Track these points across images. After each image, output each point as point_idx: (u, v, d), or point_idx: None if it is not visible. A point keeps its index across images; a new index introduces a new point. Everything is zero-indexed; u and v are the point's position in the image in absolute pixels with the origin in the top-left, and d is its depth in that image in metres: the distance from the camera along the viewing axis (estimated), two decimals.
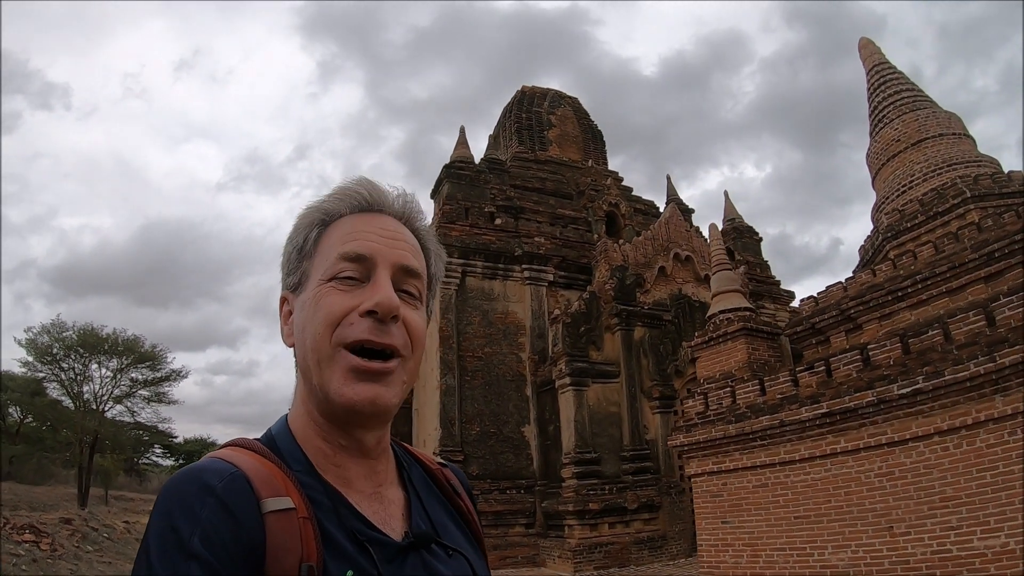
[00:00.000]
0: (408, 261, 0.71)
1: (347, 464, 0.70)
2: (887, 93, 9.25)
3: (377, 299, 0.65)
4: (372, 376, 0.65)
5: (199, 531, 0.55)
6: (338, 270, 0.68)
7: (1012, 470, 5.28)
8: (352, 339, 0.65)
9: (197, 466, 0.62)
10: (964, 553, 5.45)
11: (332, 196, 0.75)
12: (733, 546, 6.98)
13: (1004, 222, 6.70)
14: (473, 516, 0.84)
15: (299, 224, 0.75)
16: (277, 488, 0.62)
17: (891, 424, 5.85)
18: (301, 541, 0.59)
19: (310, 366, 0.67)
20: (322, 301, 0.67)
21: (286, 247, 0.76)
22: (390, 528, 0.69)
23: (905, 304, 6.98)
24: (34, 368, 22.34)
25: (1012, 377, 5.24)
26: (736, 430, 6.92)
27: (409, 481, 0.78)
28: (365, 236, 0.70)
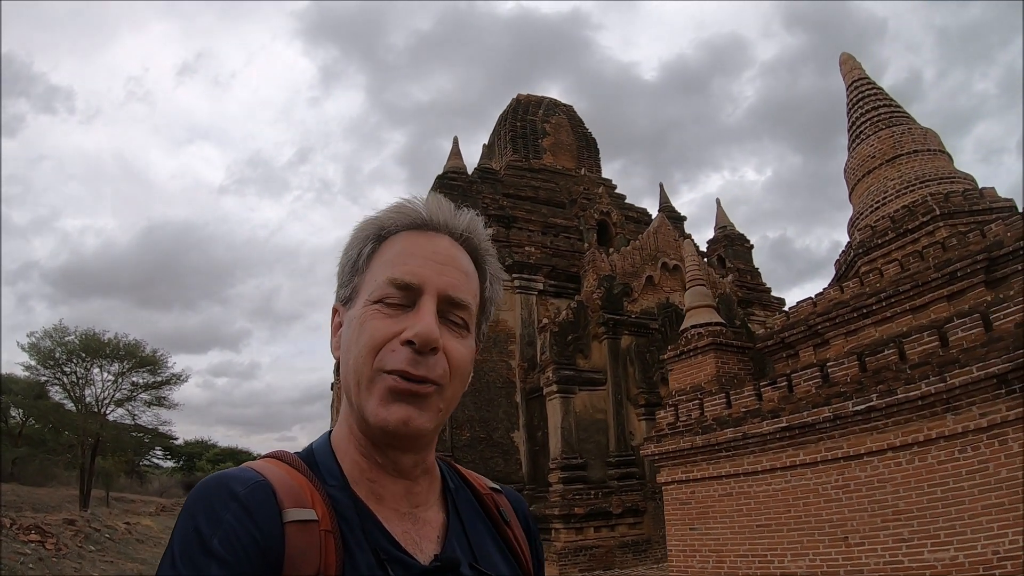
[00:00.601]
0: (455, 292, 0.70)
1: (382, 481, 0.70)
2: (865, 109, 9.43)
3: (416, 330, 0.65)
4: (406, 397, 0.65)
5: (220, 533, 0.57)
6: (385, 294, 0.68)
7: (962, 487, 5.49)
8: (391, 367, 0.65)
9: (226, 473, 0.64)
10: (915, 565, 5.66)
11: (389, 210, 0.74)
12: (700, 552, 7.21)
13: (968, 241, 6.89)
14: (521, 546, 0.80)
15: (354, 237, 0.75)
16: (302, 500, 0.63)
17: (847, 439, 6.07)
18: (320, 553, 0.60)
19: (351, 385, 0.68)
20: (366, 324, 0.68)
21: (341, 259, 0.76)
22: (419, 550, 0.68)
23: (870, 321, 7.19)
24: (37, 372, 22.83)
25: (962, 397, 5.44)
26: (703, 441, 7.15)
27: (452, 503, 0.77)
28: (415, 261, 0.69)
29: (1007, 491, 5.25)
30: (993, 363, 5.25)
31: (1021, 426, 5.22)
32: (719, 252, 17.37)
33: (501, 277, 0.80)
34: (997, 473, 5.31)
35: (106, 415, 23.49)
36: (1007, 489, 5.25)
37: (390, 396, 0.65)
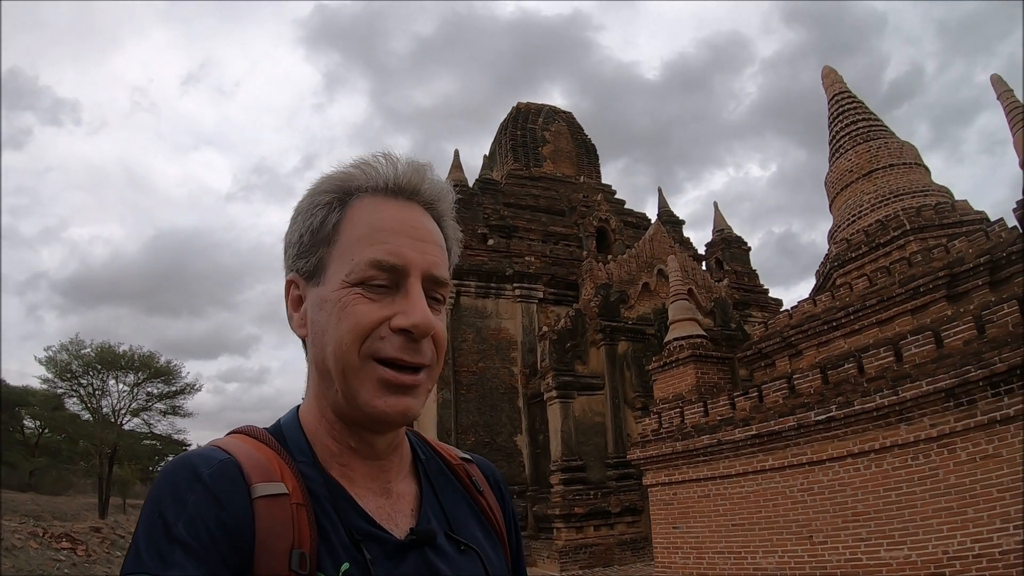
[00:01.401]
0: (438, 271, 0.67)
1: (353, 464, 0.68)
2: (844, 123, 9.77)
3: (415, 319, 0.63)
4: (403, 389, 0.64)
5: (184, 517, 0.55)
6: (366, 276, 0.64)
7: (914, 491, 5.92)
8: (384, 355, 0.63)
9: (190, 454, 0.62)
10: (873, 563, 6.11)
11: (352, 168, 0.69)
12: (682, 549, 7.71)
13: (932, 258, 7.26)
14: (495, 512, 0.79)
15: (313, 199, 0.69)
16: (270, 474, 0.61)
17: (811, 446, 6.52)
18: (293, 527, 0.58)
19: (332, 372, 0.65)
20: (349, 309, 0.63)
21: (295, 223, 0.70)
22: (394, 524, 0.67)
23: (840, 333, 7.60)
24: (54, 384, 23.84)
25: (914, 409, 5.87)
26: (683, 447, 7.64)
27: (424, 474, 0.75)
28: (395, 238, 0.65)
29: (955, 496, 5.68)
30: (941, 378, 5.67)
31: (967, 436, 5.64)
32: (717, 255, 17.71)
33: (459, 239, 0.77)
34: (946, 479, 5.74)
35: (122, 425, 24.49)
36: (955, 494, 5.68)
37: (384, 387, 0.63)
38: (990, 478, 5.51)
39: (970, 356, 5.57)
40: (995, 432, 5.50)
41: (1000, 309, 5.64)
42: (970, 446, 5.63)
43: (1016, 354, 5.32)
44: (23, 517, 12.78)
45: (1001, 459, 5.47)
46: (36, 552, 9.12)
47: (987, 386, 5.49)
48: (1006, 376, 5.39)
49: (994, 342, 5.56)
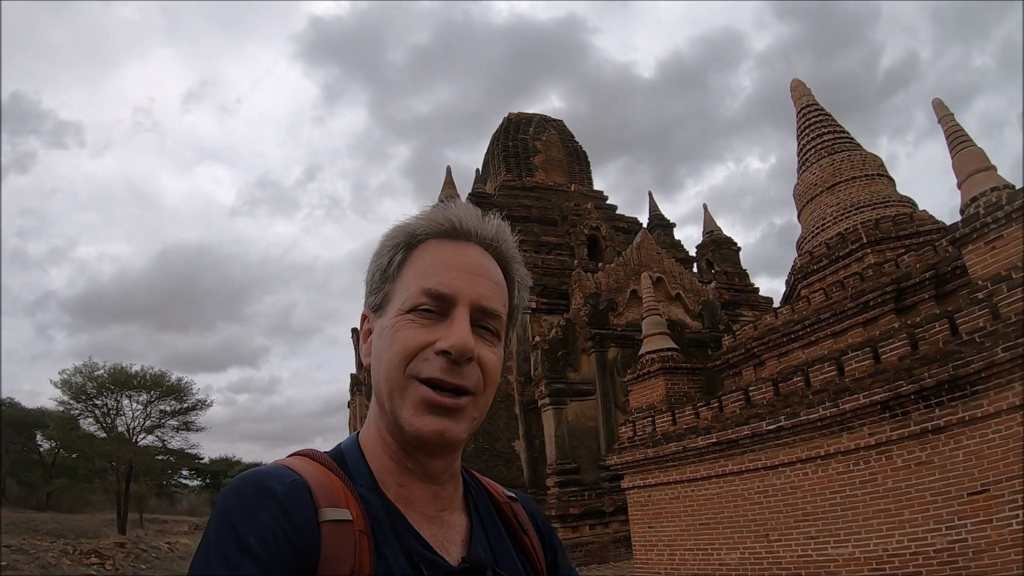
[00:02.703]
0: (488, 303, 0.70)
1: (410, 485, 0.70)
2: (810, 136, 10.16)
3: (452, 341, 0.66)
4: (442, 410, 0.66)
5: (256, 531, 0.56)
6: (417, 303, 0.68)
7: (856, 494, 6.42)
8: (425, 376, 0.66)
9: (261, 470, 0.64)
10: (821, 558, 6.63)
11: (419, 218, 0.74)
12: (656, 546, 8.28)
13: (883, 272, 7.70)
14: (537, 553, 0.81)
15: (384, 244, 0.75)
16: (336, 499, 0.63)
17: (765, 452, 7.03)
18: (355, 553, 0.60)
19: (383, 392, 0.69)
20: (400, 333, 0.68)
21: (371, 265, 0.76)
22: (447, 552, 0.69)
23: (798, 344, 8.06)
24: (69, 406, 24.89)
25: (854, 419, 6.36)
26: (654, 453, 8.18)
27: (475, 508, 0.77)
28: (447, 272, 0.69)
29: (893, 499, 6.17)
30: (877, 392, 6.15)
31: (902, 445, 6.12)
32: (707, 256, 18.10)
33: (528, 284, 0.81)
34: (884, 484, 6.23)
35: (137, 442, 25.51)
36: (893, 497, 6.17)
37: (424, 407, 0.66)
38: (924, 483, 5.99)
39: (903, 371, 6.04)
40: (927, 441, 5.98)
41: (932, 327, 6.10)
42: (905, 453, 6.11)
43: (943, 370, 5.79)
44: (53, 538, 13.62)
45: (933, 466, 5.94)
46: (70, 568, 9.94)
47: (919, 399, 5.96)
48: (935, 390, 5.86)
49: (925, 358, 6.02)
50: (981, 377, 5.64)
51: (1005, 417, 5.57)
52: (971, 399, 5.72)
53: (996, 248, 6.06)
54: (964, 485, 5.76)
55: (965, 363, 5.68)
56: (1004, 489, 5.54)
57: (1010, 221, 5.99)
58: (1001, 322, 5.69)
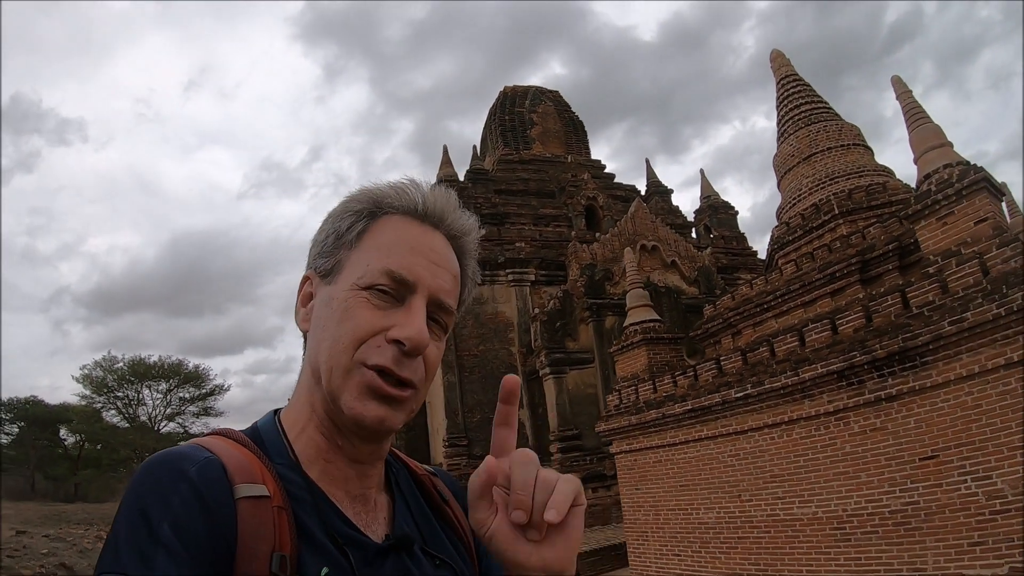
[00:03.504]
0: (445, 298, 0.69)
1: (337, 463, 0.69)
2: (789, 107, 10.22)
3: (409, 333, 0.64)
4: (386, 399, 0.65)
5: (169, 518, 0.54)
6: (376, 282, 0.66)
7: (818, 457, 6.93)
8: (374, 363, 0.64)
9: (172, 451, 0.61)
10: (788, 517, 7.21)
11: (388, 188, 0.72)
12: (643, 507, 8.96)
13: (849, 244, 7.97)
14: (462, 524, 0.80)
15: (347, 207, 0.72)
16: (252, 475, 0.61)
17: (735, 418, 7.54)
18: (274, 530, 0.58)
19: (322, 368, 0.66)
20: (352, 311, 0.66)
21: (325, 224, 0.73)
22: (372, 531, 0.68)
23: (771, 314, 8.43)
24: (91, 400, 26.33)
25: (813, 388, 6.81)
26: (637, 420, 8.75)
27: (396, 485, 0.77)
28: (412, 256, 0.68)
29: (851, 462, 6.66)
30: (833, 361, 6.57)
31: (859, 412, 6.57)
32: (705, 221, 18.24)
33: (476, 281, 0.79)
34: (843, 448, 6.71)
35: (159, 430, 27.04)
36: (851, 461, 6.66)
37: (368, 393, 0.64)
38: (878, 448, 6.45)
39: (857, 343, 6.44)
40: (881, 408, 6.41)
41: (885, 301, 6.44)
42: (861, 420, 6.56)
43: (894, 342, 6.17)
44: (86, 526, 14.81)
45: (887, 432, 6.39)
46: None
47: (872, 369, 6.37)
48: (887, 360, 6.25)
49: (878, 330, 6.39)
50: (929, 349, 6.00)
51: (953, 387, 5.96)
52: (921, 370, 6.11)
53: (947, 224, 6.31)
54: (916, 451, 6.20)
55: (914, 336, 6.05)
56: (953, 455, 5.96)
57: (960, 198, 6.22)
58: (949, 296, 6.01)
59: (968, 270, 5.95)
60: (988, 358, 5.75)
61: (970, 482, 5.87)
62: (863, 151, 9.64)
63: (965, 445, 5.91)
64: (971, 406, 5.87)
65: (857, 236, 7.94)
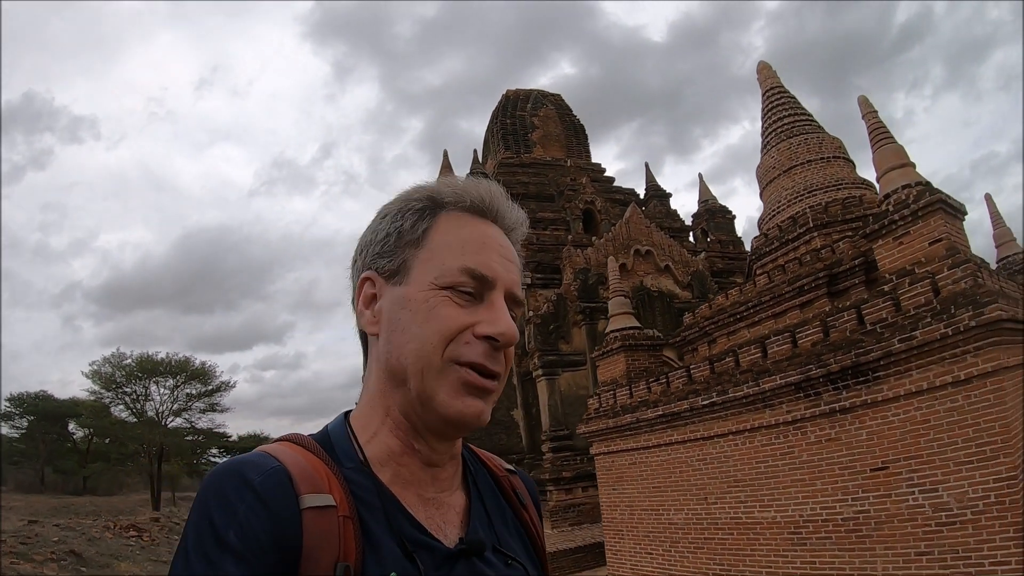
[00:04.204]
0: (519, 292, 0.71)
1: (411, 467, 0.69)
2: (773, 119, 10.40)
3: (501, 328, 0.66)
4: (482, 393, 0.66)
5: (235, 525, 0.55)
6: (457, 282, 0.66)
7: (777, 464, 7.22)
8: (467, 360, 0.65)
9: (239, 460, 0.62)
10: (750, 520, 7.52)
11: (445, 184, 0.72)
12: (619, 506, 9.31)
13: (819, 258, 8.20)
14: (536, 528, 0.81)
15: (406, 205, 0.71)
16: (318, 484, 0.61)
17: (702, 424, 7.85)
18: (339, 540, 0.58)
19: (408, 370, 0.66)
20: (438, 311, 0.66)
21: (383, 223, 0.72)
22: (444, 534, 0.68)
23: (743, 324, 8.69)
24: (100, 395, 27.25)
25: (773, 398, 7.09)
26: (614, 423, 9.09)
27: (474, 485, 0.77)
28: (488, 253, 0.68)
29: (807, 471, 6.94)
30: (791, 374, 6.85)
31: (815, 422, 6.84)
32: (702, 226, 18.39)
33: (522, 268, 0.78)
34: (800, 456, 6.99)
35: (166, 425, 27.89)
36: (807, 469, 6.94)
37: (464, 389, 0.65)
38: (833, 457, 6.72)
39: (813, 356, 6.71)
40: (836, 420, 6.68)
41: (841, 316, 6.69)
42: (817, 430, 6.84)
43: (847, 357, 6.43)
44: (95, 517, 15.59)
45: (841, 442, 6.66)
46: (112, 540, 11.72)
47: (827, 382, 6.64)
48: (841, 374, 6.52)
49: (834, 345, 6.65)
50: (881, 365, 6.25)
51: (903, 402, 6.20)
52: (873, 384, 6.36)
53: (903, 244, 6.53)
54: (867, 461, 6.46)
55: (866, 351, 6.30)
56: (902, 468, 6.21)
57: (916, 219, 6.43)
58: (901, 315, 6.25)
59: (920, 289, 6.18)
60: (936, 375, 5.99)
61: (917, 494, 6.12)
62: (843, 164, 9.80)
63: (914, 458, 6.15)
64: (920, 421, 6.12)
65: (827, 250, 8.16)
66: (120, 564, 9.73)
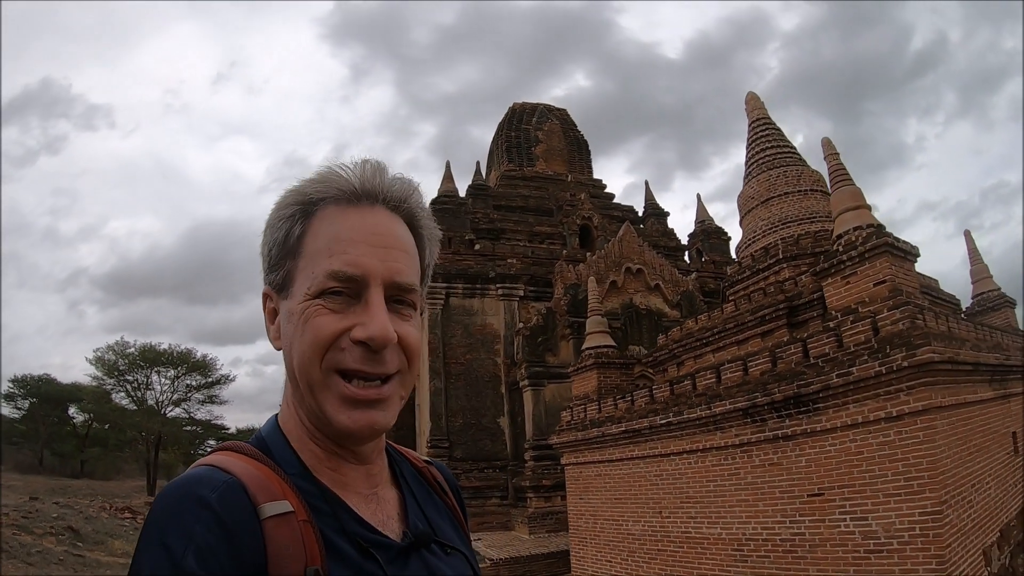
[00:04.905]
0: (402, 277, 0.66)
1: (342, 468, 0.68)
2: (756, 150, 10.78)
3: (371, 331, 0.62)
4: (368, 403, 0.63)
5: (193, 548, 0.53)
6: (325, 287, 0.64)
7: (724, 484, 7.62)
8: (344, 367, 0.63)
9: (187, 477, 0.60)
10: (698, 535, 7.92)
11: (315, 180, 0.68)
12: (584, 515, 9.74)
13: (782, 289, 8.58)
14: (458, 514, 0.83)
15: (278, 212, 0.69)
16: (274, 492, 0.60)
17: (660, 442, 8.27)
18: (304, 545, 0.58)
19: (300, 385, 0.65)
20: (311, 322, 0.63)
21: (265, 236, 0.70)
22: (389, 529, 0.69)
23: (709, 349, 9.08)
24: (102, 381, 28.14)
25: (723, 421, 7.50)
26: (582, 436, 9.54)
27: (403, 478, 0.77)
28: (354, 247, 0.65)
29: (751, 492, 7.33)
30: (740, 400, 7.25)
31: (760, 447, 7.23)
32: (697, 245, 18.70)
33: (438, 236, 0.76)
34: (745, 478, 7.39)
35: (165, 414, 28.73)
36: (751, 490, 7.33)
37: (347, 402, 0.63)
38: (774, 481, 7.12)
39: (760, 385, 7.10)
40: (779, 445, 7.07)
41: (789, 349, 7.09)
42: (762, 454, 7.23)
43: (789, 387, 6.83)
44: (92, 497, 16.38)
45: (782, 467, 7.05)
46: (108, 520, 12.44)
47: (771, 409, 7.04)
48: (784, 403, 6.92)
49: (780, 375, 7.05)
50: (820, 397, 6.65)
51: (840, 433, 6.59)
52: (813, 414, 6.75)
53: (850, 283, 6.91)
54: (805, 487, 6.84)
55: (807, 383, 6.69)
56: (836, 495, 6.59)
57: (863, 260, 6.81)
58: (843, 351, 6.63)
59: (861, 328, 6.56)
60: (871, 410, 6.37)
61: (849, 521, 6.49)
62: (820, 197, 10.15)
63: (847, 486, 6.52)
64: (854, 452, 6.50)
65: (790, 282, 8.53)
66: (114, 542, 10.39)
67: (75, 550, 8.83)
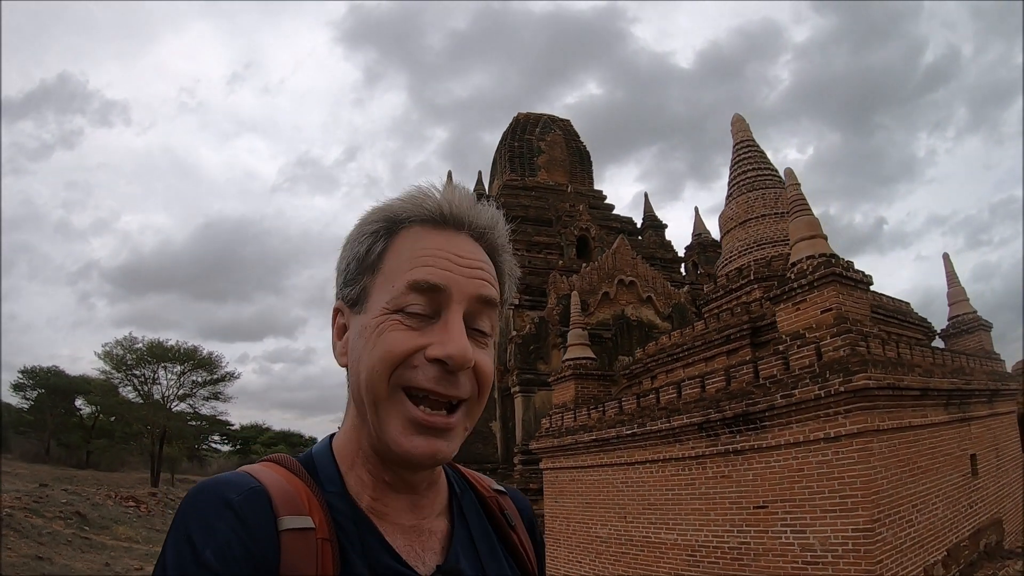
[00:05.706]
0: (486, 291, 0.66)
1: (385, 498, 0.68)
2: (737, 172, 11.19)
3: (451, 349, 0.61)
4: (434, 431, 0.63)
5: (213, 544, 0.55)
6: (406, 302, 0.63)
7: (681, 494, 8.11)
8: (415, 385, 0.62)
9: (220, 478, 0.62)
10: (658, 541, 8.42)
11: (403, 199, 0.69)
12: (559, 518, 10.28)
13: (749, 311, 9.02)
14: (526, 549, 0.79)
15: (362, 229, 0.69)
16: (298, 507, 0.61)
17: (626, 451, 8.78)
18: (317, 562, 0.58)
19: (364, 402, 0.65)
20: (385, 336, 0.63)
21: (344, 251, 0.70)
22: (422, 561, 0.67)
23: (679, 364, 9.55)
24: (110, 375, 29.15)
25: (681, 434, 7.99)
26: (558, 443, 10.08)
27: (459, 510, 0.75)
28: (438, 262, 0.64)
29: (705, 501, 7.81)
30: (695, 415, 7.74)
31: (713, 459, 7.71)
32: (693, 258, 19.05)
33: (516, 275, 0.76)
34: (700, 488, 7.87)
35: (171, 409, 29.66)
36: (705, 500, 7.82)
37: (413, 427, 0.63)
38: (725, 492, 7.59)
39: (714, 402, 7.58)
40: (729, 459, 7.54)
41: (741, 369, 7.55)
42: (715, 467, 7.71)
43: (739, 405, 7.30)
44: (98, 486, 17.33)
45: (732, 480, 7.53)
46: (113, 507, 13.29)
47: (723, 425, 7.51)
48: (734, 420, 7.39)
49: (732, 393, 7.52)
50: (766, 415, 7.11)
51: (783, 451, 7.06)
52: (760, 431, 7.22)
53: (800, 310, 7.34)
54: (752, 499, 7.31)
55: (755, 402, 7.16)
56: (778, 508, 7.06)
57: (812, 288, 7.25)
58: (788, 373, 7.08)
59: (806, 352, 7.01)
60: (811, 430, 6.83)
61: (789, 533, 6.95)
62: None
63: (788, 501, 6.99)
64: (795, 469, 6.96)
65: (756, 304, 8.97)
66: (119, 528, 11.21)
67: (82, 533, 9.60)
